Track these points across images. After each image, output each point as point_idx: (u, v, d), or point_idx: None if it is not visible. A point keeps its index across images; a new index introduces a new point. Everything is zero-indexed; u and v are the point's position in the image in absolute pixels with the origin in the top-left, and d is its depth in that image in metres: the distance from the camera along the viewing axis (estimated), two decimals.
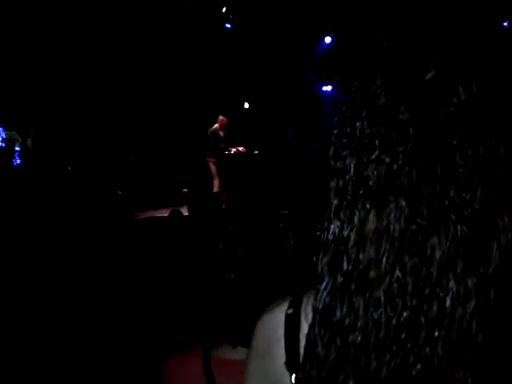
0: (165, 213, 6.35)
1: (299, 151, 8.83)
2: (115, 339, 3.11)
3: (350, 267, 0.62)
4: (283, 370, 0.69)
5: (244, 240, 1.20)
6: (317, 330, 0.64)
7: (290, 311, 0.71)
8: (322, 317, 0.64)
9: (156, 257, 4.26)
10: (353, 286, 0.61)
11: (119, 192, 8.31)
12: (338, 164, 0.65)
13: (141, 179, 9.71)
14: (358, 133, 0.64)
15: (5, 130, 9.10)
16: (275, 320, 0.73)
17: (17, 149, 9.12)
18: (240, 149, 9.29)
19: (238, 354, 1.13)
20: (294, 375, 0.68)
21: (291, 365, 0.68)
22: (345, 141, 0.65)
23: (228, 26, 11.04)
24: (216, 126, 9.16)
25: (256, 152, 9.58)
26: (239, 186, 8.02)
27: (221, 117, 9.18)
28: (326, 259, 0.65)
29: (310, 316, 0.66)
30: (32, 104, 9.73)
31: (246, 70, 10.83)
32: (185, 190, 9.65)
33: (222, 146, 9.08)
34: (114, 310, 3.45)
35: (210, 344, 1.22)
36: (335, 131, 0.67)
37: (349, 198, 0.63)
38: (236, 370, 0.80)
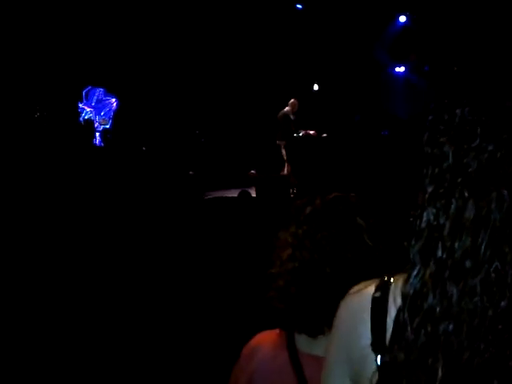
0: (234, 193, 6.48)
1: (367, 137, 8.66)
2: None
3: (444, 255, 0.62)
4: (368, 351, 0.70)
5: (313, 229, 1.15)
6: (406, 315, 0.64)
7: (378, 294, 0.72)
8: (412, 302, 0.64)
9: (224, 236, 4.35)
10: (446, 274, 0.61)
11: (190, 172, 8.55)
12: (435, 151, 0.64)
13: (211, 160, 9.92)
14: (457, 119, 0.63)
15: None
16: (361, 302, 0.73)
17: (98, 129, 9.61)
18: (311, 132, 9.25)
19: (318, 349, 1.10)
20: (379, 356, 0.68)
21: (377, 346, 0.69)
22: (442, 127, 0.64)
23: (299, 6, 10.93)
24: (287, 108, 9.15)
25: (325, 135, 9.50)
26: (308, 170, 8.00)
27: (292, 100, 9.14)
28: (418, 246, 0.65)
29: (399, 300, 0.67)
30: (112, 85, 10.16)
31: (316, 51, 10.70)
32: (252, 171, 9.77)
33: (293, 128, 9.09)
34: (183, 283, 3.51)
35: (292, 335, 1.18)
36: (431, 117, 0.66)
37: (446, 185, 0.63)
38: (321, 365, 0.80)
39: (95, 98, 10.03)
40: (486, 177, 0.60)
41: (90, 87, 10.03)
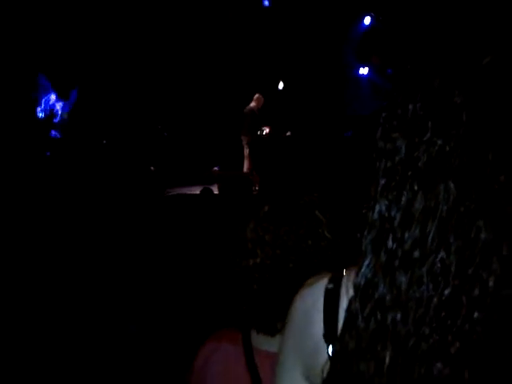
0: (196, 190, 6.42)
1: (330, 138, 8.76)
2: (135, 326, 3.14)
3: (394, 245, 0.63)
4: (321, 343, 0.71)
5: (273, 225, 1.15)
6: (358, 304, 0.66)
7: (330, 286, 0.73)
8: (363, 291, 0.66)
9: (185, 234, 4.31)
10: (396, 264, 0.63)
11: (151, 168, 8.43)
12: (388, 145, 0.66)
13: (173, 156, 9.81)
14: (410, 115, 0.64)
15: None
16: (314, 294, 0.74)
17: (55, 121, 9.32)
18: (266, 129, 9.25)
19: (275, 345, 1.10)
20: (330, 346, 0.70)
21: (329, 337, 0.70)
22: (395, 123, 0.66)
23: (266, 3, 10.91)
24: (253, 104, 9.10)
25: (288, 133, 9.54)
26: (270, 168, 8.02)
27: (258, 94, 9.09)
28: (370, 237, 0.66)
29: (351, 291, 0.68)
30: (70, 77, 9.89)
31: (282, 49, 10.72)
32: (215, 168, 9.71)
33: (258, 125, 9.07)
34: (140, 288, 3.49)
35: (247, 332, 1.19)
36: (385, 114, 0.68)
37: (397, 178, 0.64)
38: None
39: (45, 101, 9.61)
40: (434, 170, 0.62)
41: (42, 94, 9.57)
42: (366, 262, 0.66)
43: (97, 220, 4.68)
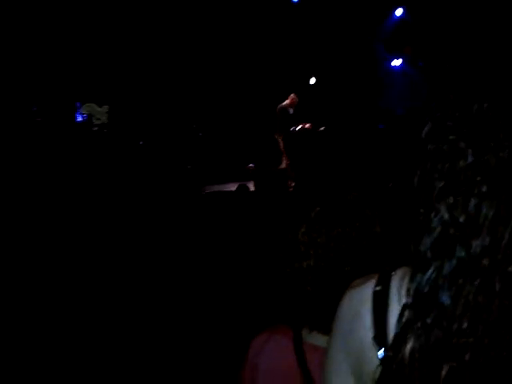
0: (232, 187, 6.50)
1: (364, 130, 8.68)
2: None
3: (462, 253, 0.61)
4: (370, 345, 0.70)
5: (326, 227, 1.16)
6: (417, 311, 0.64)
7: (379, 288, 0.72)
8: (425, 299, 0.63)
9: (222, 231, 4.36)
10: (463, 272, 0.60)
11: (188, 166, 8.56)
12: (444, 147, 0.63)
13: (209, 154, 9.92)
14: (474, 115, 0.61)
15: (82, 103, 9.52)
16: (362, 296, 0.74)
17: (94, 123, 9.56)
18: (306, 125, 9.28)
19: (323, 340, 1.11)
20: (381, 350, 0.69)
21: (379, 340, 0.69)
22: (451, 124, 0.63)
23: None
24: (286, 102, 9.17)
25: (322, 129, 9.51)
26: (305, 163, 8.02)
27: (293, 95, 9.16)
28: (430, 242, 0.64)
29: (403, 295, 0.67)
30: (106, 79, 10.13)
31: (312, 44, 10.68)
32: (251, 165, 9.76)
33: (291, 123, 9.11)
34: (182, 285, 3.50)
35: (299, 329, 1.22)
36: (438, 114, 0.65)
37: (461, 182, 0.61)
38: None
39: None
40: (505, 174, 0.59)
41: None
42: (431, 270, 0.63)
43: (135, 219, 4.76)
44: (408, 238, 0.67)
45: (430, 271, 0.63)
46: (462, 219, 0.61)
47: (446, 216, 0.62)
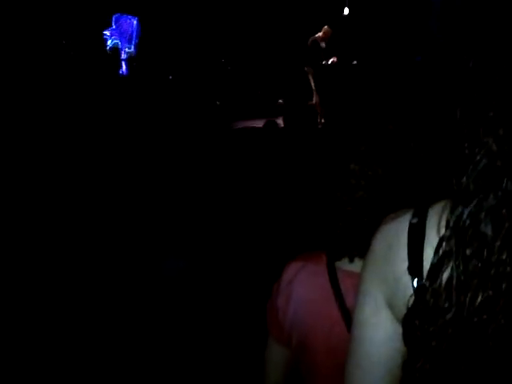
0: (260, 123, 6.44)
1: (399, 63, 8.34)
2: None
3: (509, 185, 0.61)
4: (404, 275, 0.72)
5: (376, 160, 1.19)
6: (457, 243, 0.65)
7: (415, 220, 0.73)
8: (466, 231, 0.64)
9: (251, 167, 4.35)
10: (508, 205, 0.61)
11: (217, 102, 8.48)
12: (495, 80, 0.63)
13: (238, 89, 9.78)
14: None
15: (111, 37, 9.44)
16: (399, 228, 0.75)
17: (123, 57, 9.50)
18: (335, 59, 8.96)
19: (358, 266, 1.15)
20: (415, 280, 0.70)
21: (414, 270, 0.71)
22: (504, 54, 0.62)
23: None
24: (319, 34, 8.82)
25: (355, 63, 9.19)
26: (337, 100, 7.83)
27: (326, 27, 8.78)
28: (474, 175, 0.64)
29: (442, 226, 0.68)
30: (135, 12, 9.93)
31: None
32: (280, 100, 9.61)
33: (323, 57, 8.81)
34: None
35: (332, 255, 1.25)
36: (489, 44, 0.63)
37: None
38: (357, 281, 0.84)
39: (121, 24, 9.80)
40: None
41: (118, 14, 9.79)
42: (473, 202, 0.63)
43: (161, 156, 4.76)
44: (448, 171, 0.67)
45: (473, 203, 0.63)
46: (509, 150, 0.61)
47: (495, 148, 0.62)
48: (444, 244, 0.66)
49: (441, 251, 0.67)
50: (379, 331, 0.77)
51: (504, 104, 0.62)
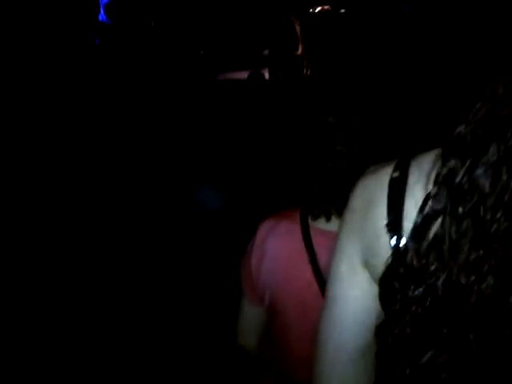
0: (245, 75, 6.30)
1: (387, 13, 8.14)
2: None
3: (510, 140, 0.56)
4: (382, 232, 0.68)
5: (354, 111, 1.15)
6: (449, 199, 0.60)
7: (396, 174, 0.69)
8: (459, 186, 0.60)
9: (235, 120, 4.30)
10: (509, 159, 0.56)
11: (201, 52, 8.27)
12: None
13: (222, 39, 9.53)
14: None
15: None
16: (378, 182, 0.71)
17: (103, 2, 9.09)
18: (326, 7, 8.71)
19: (333, 225, 1.12)
20: (394, 237, 0.67)
21: (393, 227, 0.67)
22: None
23: None
24: None
25: (343, 11, 8.94)
26: (324, 50, 7.67)
27: None
28: (473, 127, 0.59)
29: (429, 181, 0.64)
30: None
31: None
32: (265, 51, 9.39)
33: (309, 4, 8.56)
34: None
35: (306, 213, 1.23)
36: None
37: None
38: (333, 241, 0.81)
39: None
40: None
41: None
42: (470, 155, 0.58)
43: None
44: (438, 119, 0.61)
45: (471, 156, 0.58)
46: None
47: (501, 92, 0.57)
48: (432, 201, 0.62)
49: (428, 209, 0.62)
50: (355, 290, 0.73)
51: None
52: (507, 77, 0.56)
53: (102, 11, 9.18)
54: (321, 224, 1.20)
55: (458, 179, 0.59)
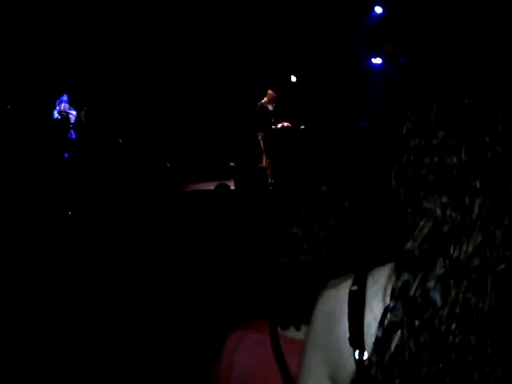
0: (211, 186, 6.45)
1: (345, 128, 8.71)
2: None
3: (455, 252, 0.58)
4: (346, 346, 0.68)
5: (319, 223, 1.16)
6: (405, 313, 0.61)
7: (355, 288, 0.70)
8: (413, 300, 0.61)
9: (203, 229, 4.33)
10: (455, 272, 0.58)
11: (168, 164, 8.49)
12: (433, 142, 0.61)
13: (189, 152, 9.85)
14: (466, 110, 0.59)
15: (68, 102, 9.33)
16: (339, 296, 0.72)
17: (72, 121, 9.40)
18: (285, 124, 9.26)
19: (302, 334, 1.11)
20: (357, 351, 0.67)
21: (355, 341, 0.67)
22: (439, 118, 0.61)
23: None
24: (265, 99, 9.16)
25: (302, 127, 9.51)
26: (286, 162, 8.01)
27: (269, 91, 9.16)
28: (419, 241, 0.61)
29: (386, 295, 0.64)
30: (85, 78, 9.98)
31: (292, 42, 10.68)
32: (231, 163, 9.73)
33: (272, 120, 9.08)
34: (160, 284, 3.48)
35: (275, 323, 1.21)
36: (422, 107, 0.63)
37: (454, 177, 0.59)
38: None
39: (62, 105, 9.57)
40: (501, 170, 0.57)
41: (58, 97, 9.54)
42: (420, 269, 0.60)
43: (112, 217, 4.72)
44: (390, 235, 0.66)
45: (420, 271, 0.60)
46: (452, 217, 0.58)
47: (439, 213, 0.59)
48: (390, 314, 0.62)
49: (387, 322, 0.63)
50: None
51: (443, 168, 0.60)
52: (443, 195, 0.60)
53: (71, 129, 9.48)
54: (291, 333, 1.18)
55: (411, 293, 0.60)
